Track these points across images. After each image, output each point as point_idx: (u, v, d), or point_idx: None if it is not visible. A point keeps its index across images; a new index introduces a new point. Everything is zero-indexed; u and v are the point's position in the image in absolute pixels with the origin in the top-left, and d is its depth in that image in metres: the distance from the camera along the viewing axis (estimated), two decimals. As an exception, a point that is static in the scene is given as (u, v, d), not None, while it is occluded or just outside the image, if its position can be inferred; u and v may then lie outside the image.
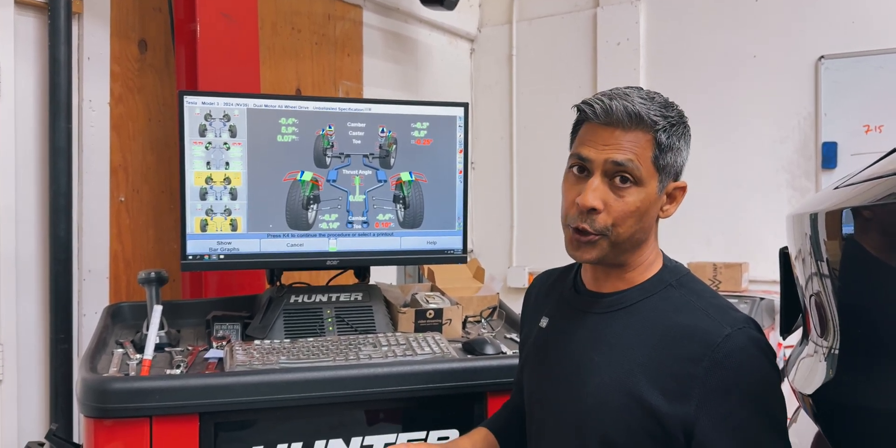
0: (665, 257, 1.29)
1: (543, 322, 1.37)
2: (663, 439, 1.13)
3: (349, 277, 2.08)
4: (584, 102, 1.21)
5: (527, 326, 1.46)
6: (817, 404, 1.07)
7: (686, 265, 1.30)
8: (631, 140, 1.16)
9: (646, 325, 1.19)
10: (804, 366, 1.15)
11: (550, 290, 1.42)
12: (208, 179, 1.83)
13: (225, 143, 1.83)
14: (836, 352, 1.02)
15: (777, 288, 1.46)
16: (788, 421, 1.38)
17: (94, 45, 2.50)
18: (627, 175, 1.16)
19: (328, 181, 1.90)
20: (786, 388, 1.21)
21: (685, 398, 1.12)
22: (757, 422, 1.10)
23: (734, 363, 1.10)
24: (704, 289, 1.24)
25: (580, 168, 1.20)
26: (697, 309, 1.17)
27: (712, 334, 1.12)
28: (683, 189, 1.24)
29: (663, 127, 1.17)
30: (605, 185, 1.17)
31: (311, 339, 1.77)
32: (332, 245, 1.92)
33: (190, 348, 1.78)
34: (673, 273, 1.25)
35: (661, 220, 1.27)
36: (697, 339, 1.13)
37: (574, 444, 1.23)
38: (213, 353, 1.72)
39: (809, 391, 1.09)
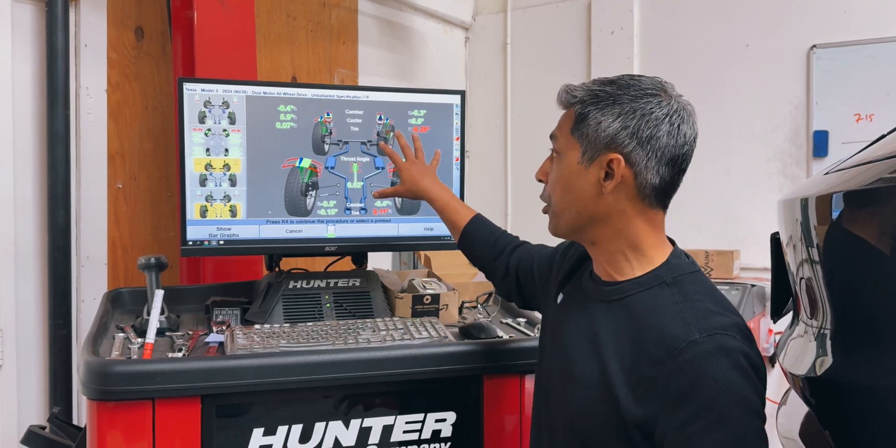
0: (674, 253, 1.26)
1: (559, 298, 1.40)
2: (624, 436, 1.14)
3: (347, 264, 2.10)
4: None
5: (547, 283, 1.50)
6: (808, 383, 1.10)
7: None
8: (563, 118, 1.29)
9: (630, 322, 1.19)
10: (794, 346, 1.18)
11: (577, 265, 1.43)
12: (208, 166, 1.84)
13: (224, 130, 1.84)
14: (826, 332, 1.04)
15: (768, 275, 1.49)
16: (777, 405, 1.42)
17: (90, 32, 2.50)
18: (554, 147, 1.30)
19: (326, 168, 1.92)
20: (776, 372, 1.23)
21: (647, 401, 1.11)
22: (712, 434, 1.06)
23: (693, 370, 1.07)
24: (697, 290, 1.19)
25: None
26: (676, 312, 1.15)
27: (678, 339, 1.10)
28: (619, 160, 1.20)
29: (580, 100, 1.25)
30: (551, 160, 1.31)
31: (310, 323, 1.80)
32: (331, 231, 1.95)
33: (190, 333, 1.80)
34: (671, 270, 1.22)
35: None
36: (664, 343, 1.11)
37: (560, 430, 1.28)
38: (214, 338, 1.74)
39: (799, 371, 1.12)
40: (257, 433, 1.58)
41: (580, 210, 1.25)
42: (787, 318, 1.42)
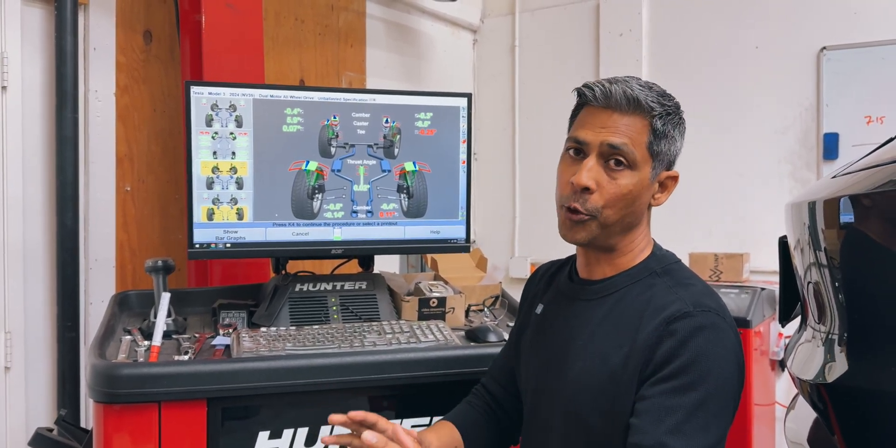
0: (656, 245, 1.31)
1: (539, 308, 1.40)
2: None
3: (353, 266, 2.10)
4: (584, 86, 1.24)
5: (521, 316, 1.49)
6: (816, 388, 1.09)
7: (687, 256, 1.32)
8: (628, 124, 1.19)
9: (626, 312, 1.21)
10: (802, 351, 1.17)
11: (551, 279, 1.45)
12: (215, 169, 1.84)
13: (231, 133, 1.85)
14: (834, 337, 1.04)
15: (778, 278, 1.48)
16: (785, 410, 1.40)
17: (99, 36, 2.51)
18: (622, 158, 1.19)
19: (333, 171, 1.92)
20: (786, 377, 1.22)
21: (639, 370, 1.14)
22: (677, 397, 1.09)
23: (682, 336, 1.12)
24: (688, 277, 1.25)
25: (576, 150, 1.23)
26: (672, 293, 1.19)
27: (674, 311, 1.15)
28: (675, 179, 1.27)
29: (660, 113, 1.20)
30: (600, 166, 1.20)
31: (316, 326, 1.80)
32: (337, 234, 1.94)
33: (197, 336, 1.80)
34: (660, 261, 1.27)
35: (656, 209, 1.30)
36: (661, 318, 1.15)
37: (559, 430, 1.26)
38: (220, 340, 1.74)
39: (807, 376, 1.11)
40: (263, 436, 1.58)
41: (632, 221, 1.24)
42: (797, 322, 1.41)
